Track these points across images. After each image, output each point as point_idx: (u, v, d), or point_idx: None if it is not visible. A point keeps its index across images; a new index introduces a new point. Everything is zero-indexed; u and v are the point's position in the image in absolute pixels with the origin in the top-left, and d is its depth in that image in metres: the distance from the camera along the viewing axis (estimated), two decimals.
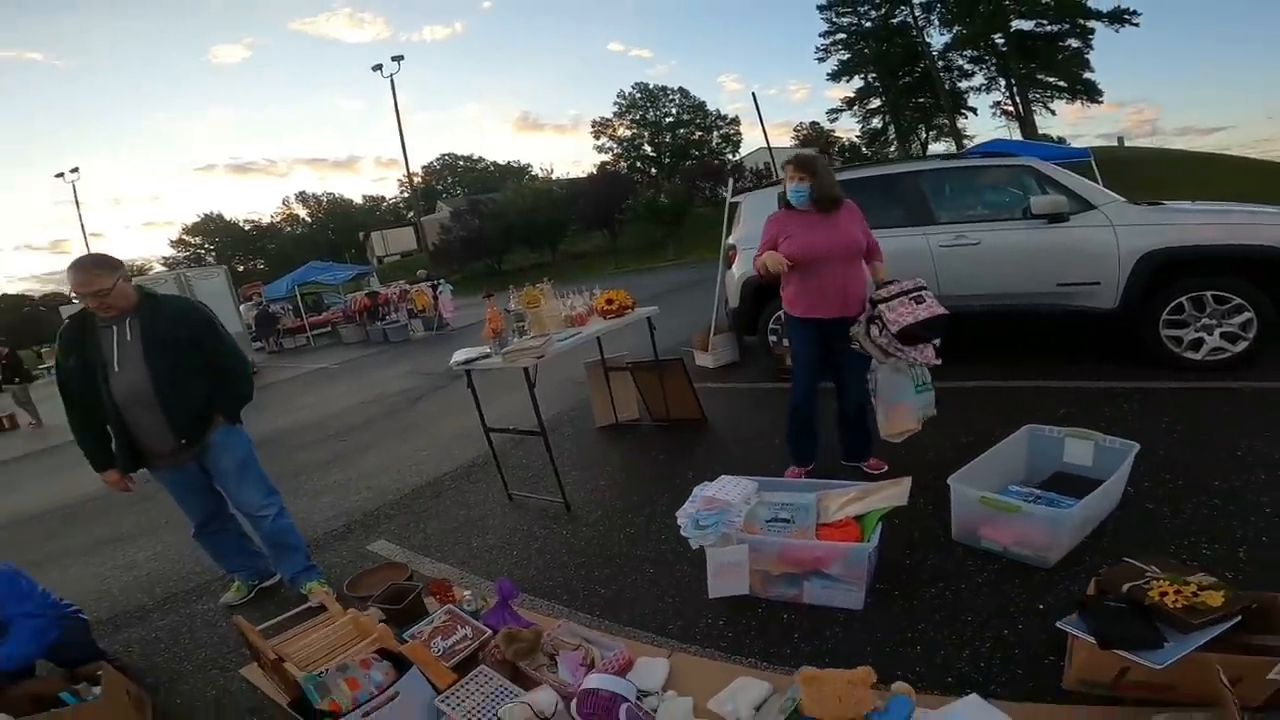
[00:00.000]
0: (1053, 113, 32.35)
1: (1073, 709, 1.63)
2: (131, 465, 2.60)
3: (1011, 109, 32.37)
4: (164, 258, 51.88)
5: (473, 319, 14.28)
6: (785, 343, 4.15)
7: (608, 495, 3.56)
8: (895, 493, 2.26)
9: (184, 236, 55.09)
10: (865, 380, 2.97)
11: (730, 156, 39.04)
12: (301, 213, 60.07)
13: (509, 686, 1.93)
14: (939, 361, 2.85)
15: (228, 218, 56.62)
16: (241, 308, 14.94)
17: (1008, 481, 2.61)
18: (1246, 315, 3.65)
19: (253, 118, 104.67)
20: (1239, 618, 1.55)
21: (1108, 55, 29.93)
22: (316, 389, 9.15)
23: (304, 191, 66.87)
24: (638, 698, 1.75)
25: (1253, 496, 2.45)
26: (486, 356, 3.25)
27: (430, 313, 13.72)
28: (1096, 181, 5.56)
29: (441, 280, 14.76)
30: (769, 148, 14.55)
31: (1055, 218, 4.04)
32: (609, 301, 3.64)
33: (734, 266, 5.27)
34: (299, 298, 17.05)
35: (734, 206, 5.62)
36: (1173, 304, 3.82)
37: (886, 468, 3.10)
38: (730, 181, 6.79)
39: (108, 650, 2.63)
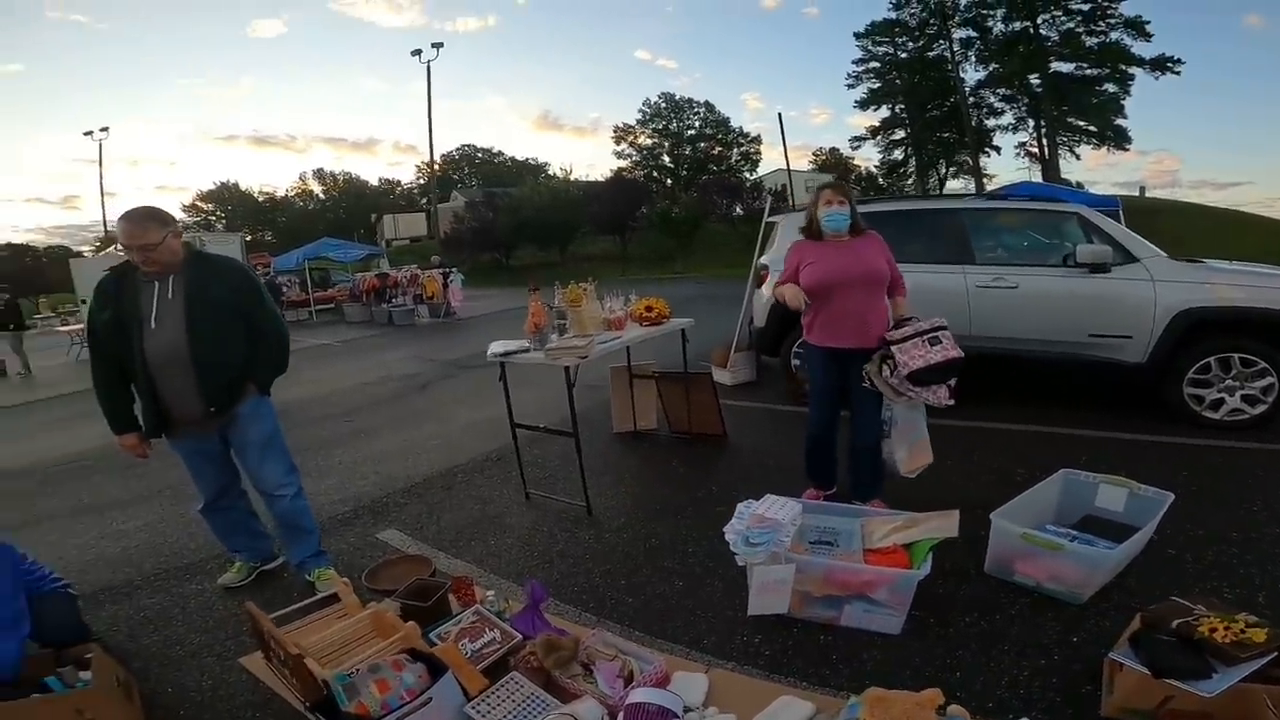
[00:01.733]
0: (1078, 157, 32.08)
1: None
2: (156, 430, 2.50)
3: (1035, 150, 31.99)
4: None
5: (478, 311, 14.26)
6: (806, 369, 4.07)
7: (628, 503, 3.51)
8: (945, 524, 2.26)
9: (197, 202, 54.89)
10: (880, 416, 2.87)
11: (748, 175, 39.31)
12: (316, 189, 60.00)
13: (542, 695, 1.87)
14: (952, 402, 2.76)
15: (243, 188, 56.61)
16: None
17: (1040, 521, 2.60)
18: (1269, 380, 3.70)
19: (279, 92, 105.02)
20: (1276, 653, 1.62)
21: (1134, 101, 29.68)
22: (319, 365, 9.05)
23: (321, 169, 67.01)
24: (683, 712, 1.71)
25: (1268, 548, 2.56)
26: (526, 351, 3.21)
27: (439, 300, 13.65)
28: None
29: (454, 269, 14.72)
30: (788, 169, 14.65)
31: (1097, 268, 4.04)
32: (648, 309, 3.63)
33: (764, 286, 5.22)
34: (307, 272, 16.95)
35: (769, 226, 5.61)
36: (1200, 363, 3.83)
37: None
38: (767, 201, 6.78)
39: (93, 629, 2.49)
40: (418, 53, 28.48)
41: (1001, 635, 2.14)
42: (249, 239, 33.53)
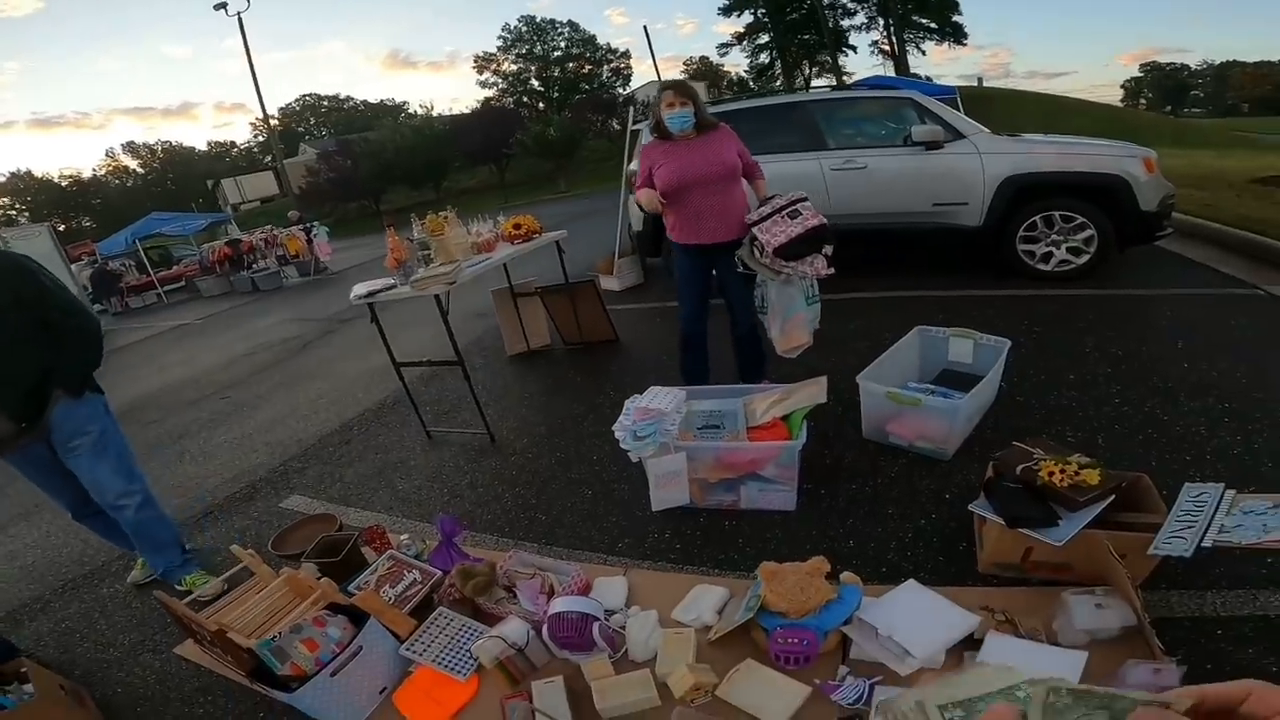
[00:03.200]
0: (923, 53, 34.48)
1: (992, 590, 1.80)
2: None
3: (888, 48, 34.00)
4: None
5: (351, 261, 13.34)
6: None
7: (531, 422, 3.53)
8: (815, 391, 2.39)
9: None
10: (752, 298, 2.93)
11: (620, 90, 38.32)
12: (132, 164, 53.19)
13: (472, 624, 1.91)
14: (831, 271, 2.79)
15: (38, 174, 49.13)
16: (73, 268, 13.01)
17: (905, 379, 2.86)
18: (1088, 232, 4.21)
19: (55, 70, 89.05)
20: (1113, 496, 1.73)
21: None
22: (182, 347, 8.21)
23: (133, 141, 59.23)
24: (605, 615, 1.79)
25: (1102, 387, 2.87)
26: (391, 288, 3.04)
27: (305, 257, 12.56)
28: None
29: (315, 223, 13.49)
30: (660, 81, 14.40)
31: (932, 145, 4.44)
32: (516, 226, 3.54)
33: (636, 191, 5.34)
34: (141, 252, 14.99)
35: (635, 134, 5.67)
36: (1027, 222, 4.33)
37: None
38: (630, 110, 6.72)
39: (20, 647, 2.33)
40: (222, 6, 24.67)
41: (884, 499, 2.33)
42: (62, 228, 29.34)
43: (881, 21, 33.53)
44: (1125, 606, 1.55)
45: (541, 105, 39.53)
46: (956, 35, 32.44)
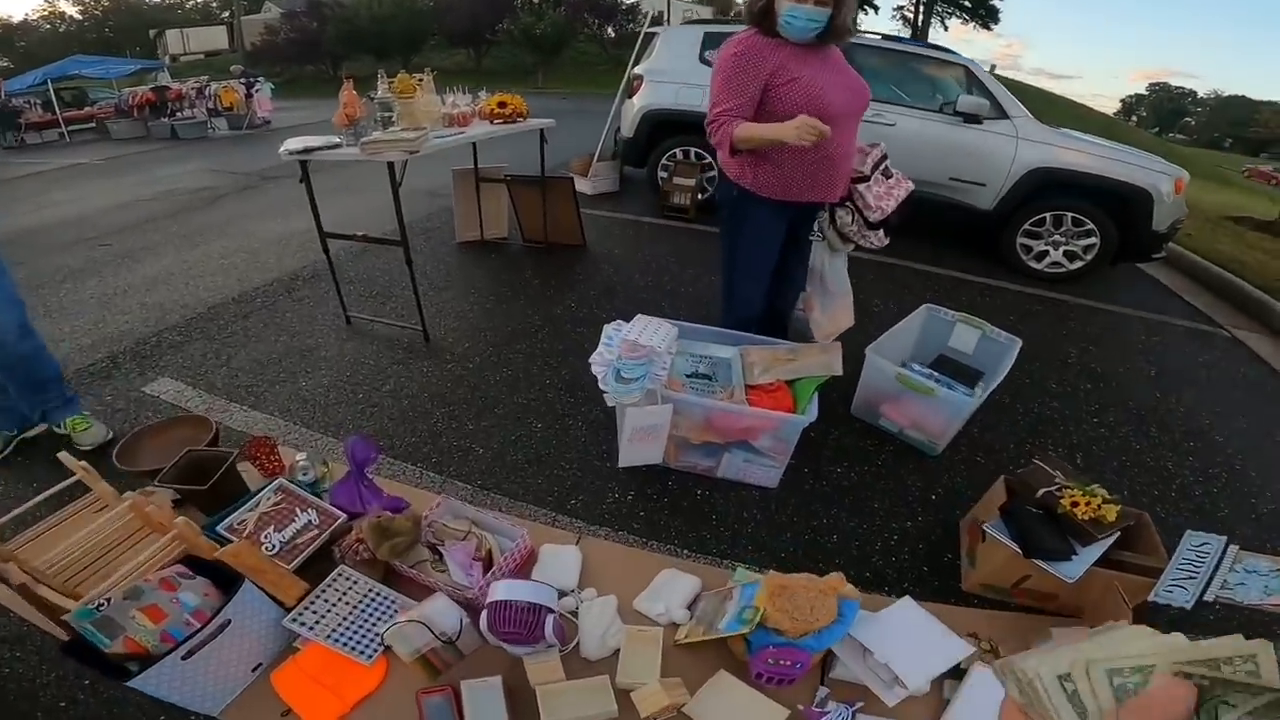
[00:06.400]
0: (945, 28, 33.57)
1: (979, 614, 1.63)
2: None
3: (910, 15, 32.81)
4: None
5: (294, 120, 11.96)
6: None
7: (475, 325, 3.04)
8: (828, 360, 2.02)
9: None
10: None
11: None
12: (71, 10, 46.60)
13: (383, 592, 1.47)
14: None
15: None
16: None
17: (901, 357, 2.57)
18: (1092, 240, 4.07)
19: None
20: (1119, 533, 1.63)
21: None
22: (71, 185, 6.99)
23: None
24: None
25: (1082, 403, 2.73)
26: (335, 146, 2.44)
27: (241, 111, 11.20)
28: None
29: (260, 78, 12.06)
30: None
31: (970, 118, 4.19)
32: (501, 105, 2.95)
33: (636, 96, 5.05)
34: (52, 93, 12.98)
35: (649, 36, 5.32)
36: (1036, 217, 4.15)
37: None
38: (648, 12, 6.15)
39: None
40: None
41: (870, 490, 2.09)
42: None
43: None
44: None
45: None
46: (988, 17, 31.65)
